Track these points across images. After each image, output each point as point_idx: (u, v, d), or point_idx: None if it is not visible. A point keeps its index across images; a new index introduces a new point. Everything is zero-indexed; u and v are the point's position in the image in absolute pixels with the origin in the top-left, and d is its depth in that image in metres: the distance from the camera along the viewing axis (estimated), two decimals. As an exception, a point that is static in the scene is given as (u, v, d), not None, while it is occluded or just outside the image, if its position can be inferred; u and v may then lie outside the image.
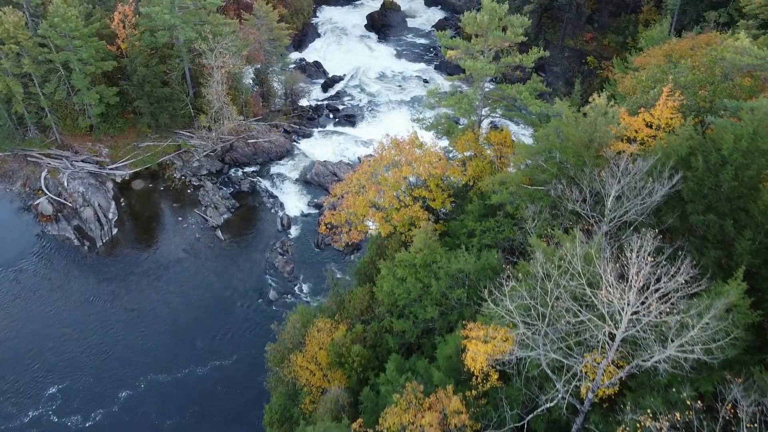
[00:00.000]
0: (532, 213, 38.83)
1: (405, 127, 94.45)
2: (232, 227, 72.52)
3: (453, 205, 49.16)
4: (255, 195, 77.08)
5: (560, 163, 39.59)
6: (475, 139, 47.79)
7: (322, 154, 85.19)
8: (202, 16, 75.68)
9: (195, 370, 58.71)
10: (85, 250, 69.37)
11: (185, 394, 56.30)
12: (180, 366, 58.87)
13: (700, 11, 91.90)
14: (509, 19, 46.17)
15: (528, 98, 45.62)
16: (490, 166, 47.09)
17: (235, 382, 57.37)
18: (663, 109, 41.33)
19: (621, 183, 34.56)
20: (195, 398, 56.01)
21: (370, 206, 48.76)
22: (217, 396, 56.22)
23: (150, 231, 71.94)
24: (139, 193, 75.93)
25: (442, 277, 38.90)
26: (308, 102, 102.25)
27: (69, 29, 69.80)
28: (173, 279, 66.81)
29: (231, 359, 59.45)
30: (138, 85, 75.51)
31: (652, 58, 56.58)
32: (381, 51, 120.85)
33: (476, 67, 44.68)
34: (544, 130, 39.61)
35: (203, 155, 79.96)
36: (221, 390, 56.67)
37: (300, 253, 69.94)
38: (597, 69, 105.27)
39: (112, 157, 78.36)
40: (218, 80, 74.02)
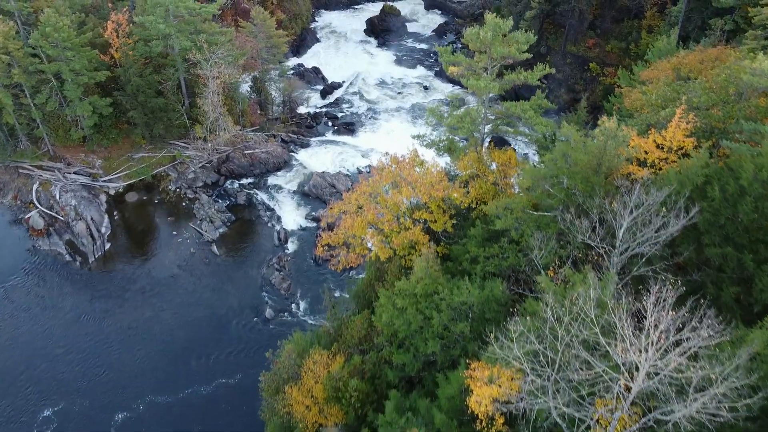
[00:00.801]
0: (539, 242, 36.76)
1: (404, 135, 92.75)
2: (227, 242, 70.46)
3: (455, 226, 47.02)
4: (251, 208, 75.00)
5: (568, 188, 37.55)
6: (478, 159, 45.68)
7: (321, 165, 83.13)
8: (197, 25, 73.57)
9: (190, 392, 56.69)
10: (77, 265, 67.34)
11: (181, 417, 54.35)
12: (175, 388, 56.86)
13: (704, 18, 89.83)
14: (513, 35, 44.11)
15: (533, 117, 43.56)
16: (494, 187, 45.01)
17: (230, 405, 55.39)
18: (675, 131, 39.29)
19: (633, 214, 32.52)
20: (190, 420, 54.06)
21: (368, 227, 46.67)
22: (212, 419, 54.23)
23: (144, 246, 69.86)
24: (132, 206, 73.85)
25: (444, 309, 36.85)
26: (307, 109, 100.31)
27: (61, 39, 67.74)
28: (167, 296, 64.79)
29: (226, 381, 57.44)
30: (132, 95, 73.45)
31: (659, 72, 54.48)
32: (380, 56, 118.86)
33: (479, 86, 42.59)
34: (551, 155, 37.57)
35: (199, 166, 77.88)
36: (216, 413, 54.68)
37: (297, 269, 67.90)
38: (600, 76, 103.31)
39: (105, 169, 76.30)
40: (214, 91, 71.93)
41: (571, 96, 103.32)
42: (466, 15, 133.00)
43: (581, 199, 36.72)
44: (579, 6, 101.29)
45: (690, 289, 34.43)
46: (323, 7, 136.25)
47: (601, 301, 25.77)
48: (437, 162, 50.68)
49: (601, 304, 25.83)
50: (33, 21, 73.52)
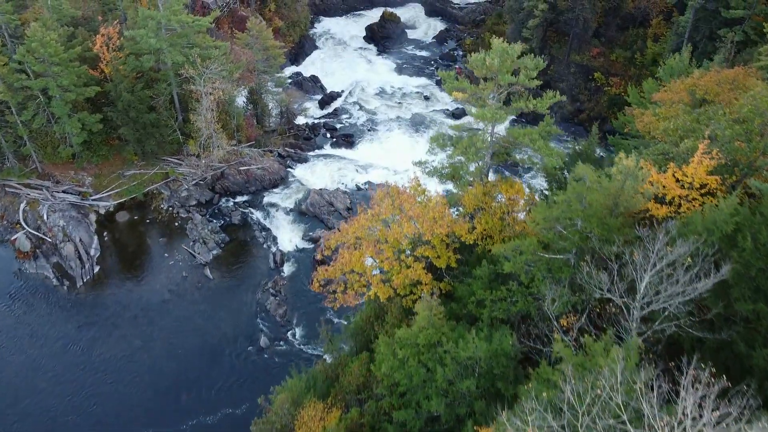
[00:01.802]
0: (552, 293, 33.68)
1: (404, 148, 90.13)
2: (221, 264, 67.32)
3: (459, 261, 43.91)
4: (246, 228, 71.84)
5: (582, 231, 34.44)
6: (484, 193, 42.55)
7: (319, 181, 80.00)
8: (190, 38, 70.32)
9: (180, 429, 53.63)
10: (65, 290, 64.26)
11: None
12: (164, 423, 53.92)
13: (713, 28, 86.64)
14: (522, 61, 40.95)
15: (543, 148, 40.40)
16: (501, 222, 41.90)
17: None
18: (697, 167, 36.17)
19: (657, 267, 29.42)
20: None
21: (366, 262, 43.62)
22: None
23: (134, 269, 66.73)
24: (123, 227, 70.70)
25: (448, 363, 33.80)
26: (305, 120, 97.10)
27: (48, 54, 64.58)
28: (158, 323, 61.75)
29: (217, 416, 54.45)
30: (122, 111, 70.22)
31: (673, 94, 51.35)
32: (380, 64, 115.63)
33: (486, 116, 39.48)
34: (565, 196, 34.43)
35: (192, 184, 74.72)
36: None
37: (293, 294, 64.82)
38: (605, 86, 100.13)
39: (95, 187, 73.12)
40: (207, 107, 68.75)
41: (576, 106, 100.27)
42: (467, 21, 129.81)
43: (597, 245, 33.64)
44: (583, 14, 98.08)
45: (717, 345, 31.49)
46: (322, 13, 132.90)
47: (628, 386, 22.65)
48: (439, 191, 47.70)
49: (627, 389, 22.71)
50: (20, 33, 70.31)
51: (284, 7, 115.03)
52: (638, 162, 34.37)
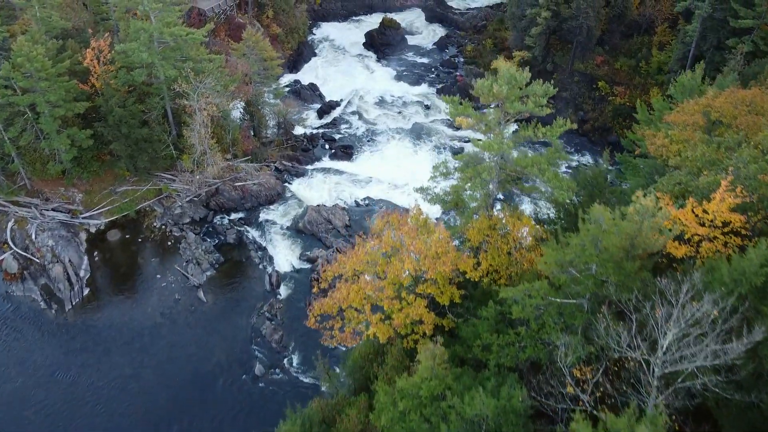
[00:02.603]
0: (565, 344, 31.01)
1: (404, 161, 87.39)
2: (215, 286, 64.61)
3: (463, 297, 41.25)
4: (241, 247, 69.08)
5: (597, 276, 31.77)
6: (490, 227, 39.85)
7: (316, 197, 77.24)
8: (183, 51, 67.53)
9: (170, 463, 51.10)
10: (53, 314, 61.56)
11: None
12: (154, 457, 51.28)
13: (721, 37, 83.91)
14: (531, 88, 38.20)
15: (553, 179, 37.69)
16: (508, 257, 39.22)
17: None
18: (720, 205, 33.50)
19: (681, 325, 26.77)
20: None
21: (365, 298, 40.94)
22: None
23: (125, 291, 64.03)
24: (114, 246, 67.96)
25: (453, 420, 31.12)
26: (303, 130, 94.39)
27: (35, 69, 61.78)
28: (149, 349, 59.04)
29: (210, 451, 51.75)
30: (114, 126, 67.49)
31: (687, 116, 48.62)
32: (380, 72, 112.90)
33: (492, 148, 36.74)
34: (579, 239, 31.74)
35: (186, 201, 71.97)
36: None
37: (290, 318, 62.11)
38: (609, 95, 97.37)
39: (86, 204, 70.39)
40: (201, 123, 66.00)
41: (580, 117, 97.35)
42: (468, 27, 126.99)
43: (614, 292, 30.99)
44: (587, 22, 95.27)
45: (745, 405, 28.84)
46: (321, 19, 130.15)
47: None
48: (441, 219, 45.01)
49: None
50: (8, 46, 67.57)
51: (282, 13, 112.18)
52: (657, 202, 31.66)
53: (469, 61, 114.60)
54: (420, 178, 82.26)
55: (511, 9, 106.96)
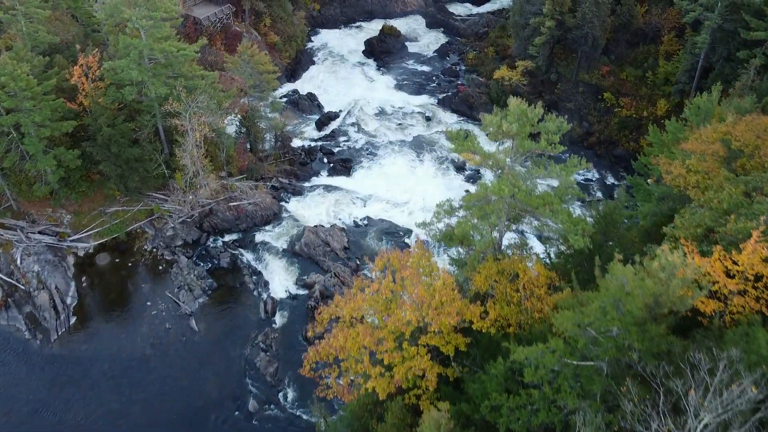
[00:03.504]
0: (582, 414, 27.82)
1: (405, 176, 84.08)
2: (207, 314, 61.43)
3: (470, 345, 38.03)
4: (235, 272, 65.85)
5: (619, 341, 28.57)
6: (498, 272, 36.63)
7: (314, 216, 74.00)
8: (175, 68, 64.18)
9: None
10: (38, 344, 58.47)
11: None
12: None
13: (731, 49, 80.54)
14: (543, 125, 34.96)
15: (566, 222, 34.42)
16: (518, 308, 36.02)
17: None
18: (751, 256, 30.28)
19: (718, 410, 23.58)
20: None
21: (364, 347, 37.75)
22: None
23: (113, 319, 60.89)
24: (103, 271, 64.77)
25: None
26: (301, 142, 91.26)
27: (19, 88, 58.48)
28: (138, 383, 55.91)
29: (201, 496, 48.60)
30: (102, 145, 64.21)
31: (705, 146, 45.29)
32: (380, 81, 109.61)
33: (503, 192, 33.44)
34: (599, 300, 28.52)
35: (179, 222, 68.76)
36: None
37: (285, 349, 58.95)
38: (615, 107, 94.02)
39: (74, 225, 67.21)
40: (193, 143, 62.77)
41: (585, 129, 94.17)
42: (469, 34, 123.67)
43: (638, 359, 27.82)
44: (593, 32, 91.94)
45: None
46: (320, 26, 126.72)
47: None
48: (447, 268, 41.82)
49: None
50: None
51: (280, 21, 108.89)
52: (684, 257, 28.46)
53: (471, 70, 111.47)
54: (420, 195, 79.63)
55: (513, 17, 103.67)
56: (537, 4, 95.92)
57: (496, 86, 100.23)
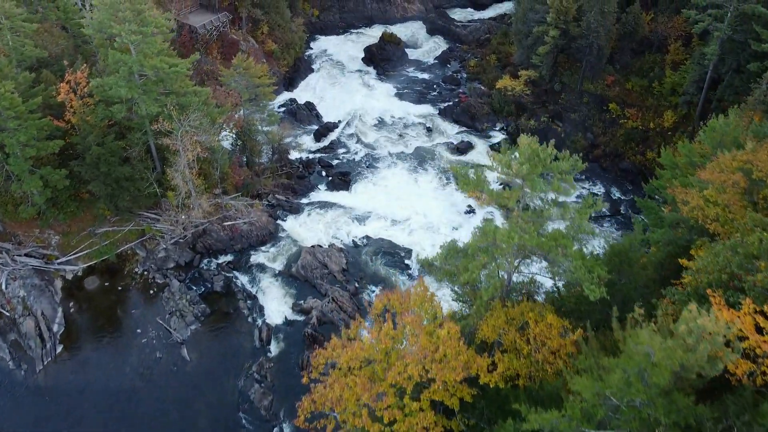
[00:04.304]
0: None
1: (406, 191, 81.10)
2: (200, 342, 58.50)
3: (475, 396, 35.08)
4: (229, 296, 62.85)
5: (643, 413, 25.66)
6: (506, 321, 33.68)
7: (311, 235, 71.00)
8: (166, 84, 61.13)
9: None
10: (22, 375, 55.50)
11: None
12: None
13: (741, 61, 77.51)
14: (556, 165, 31.93)
15: (580, 269, 31.42)
16: (528, 360, 33.08)
17: None
18: (786, 314, 27.36)
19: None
20: None
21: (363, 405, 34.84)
22: None
23: (101, 348, 57.95)
24: (92, 295, 61.83)
25: None
26: (299, 154, 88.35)
27: (3, 107, 55.47)
28: (127, 416, 53.00)
29: None
30: (91, 164, 61.23)
31: (725, 176, 42.29)
32: (380, 89, 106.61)
33: (512, 239, 30.47)
34: (621, 368, 25.60)
35: (171, 242, 65.78)
36: None
37: (281, 379, 56.01)
38: (620, 118, 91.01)
39: (62, 247, 64.23)
40: (185, 164, 59.80)
41: (589, 141, 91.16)
42: (470, 41, 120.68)
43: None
44: (598, 42, 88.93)
45: None
46: (319, 32, 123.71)
47: None
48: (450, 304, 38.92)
49: None
50: (-22, 78, 61.12)
51: (278, 28, 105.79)
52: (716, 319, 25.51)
53: (472, 78, 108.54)
54: (421, 210, 76.63)
55: (516, 25, 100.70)
56: (540, 12, 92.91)
57: (498, 96, 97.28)
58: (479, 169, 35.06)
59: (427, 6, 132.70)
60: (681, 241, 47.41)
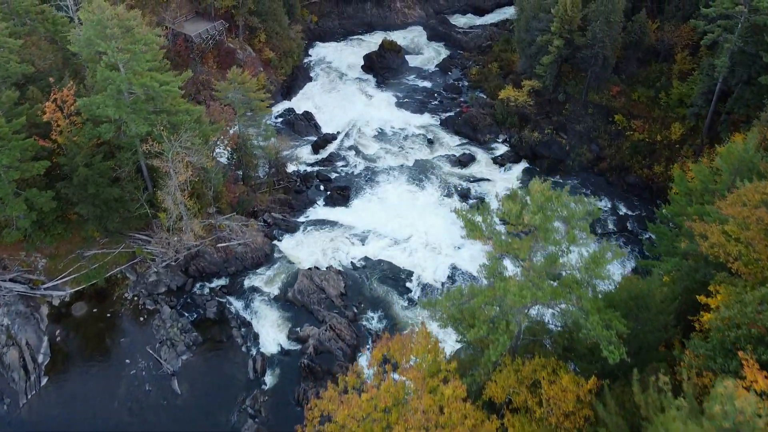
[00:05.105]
0: None
1: (407, 206, 78.00)
2: (191, 373, 55.54)
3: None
4: (223, 324, 59.86)
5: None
6: (517, 380, 30.70)
7: (309, 256, 68.02)
8: (157, 103, 58.02)
9: None
10: (4, 409, 52.60)
11: None
12: None
13: (752, 73, 74.39)
14: (571, 209, 28.88)
15: (599, 329, 28.41)
16: (541, 425, 30.08)
17: None
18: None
19: None
20: None
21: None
22: None
23: (89, 380, 55.00)
24: (79, 323, 58.88)
25: None
26: (296, 167, 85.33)
27: (-16, 129, 52.47)
28: (113, 455, 50.06)
29: None
30: (79, 186, 58.22)
31: (747, 210, 39.22)
32: (379, 98, 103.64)
33: (525, 299, 27.45)
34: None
35: (162, 266, 62.81)
36: None
37: (276, 414, 53.10)
38: (626, 129, 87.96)
39: (50, 271, 61.26)
40: (177, 186, 56.78)
41: (595, 153, 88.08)
42: (472, 47, 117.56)
43: None
44: (604, 52, 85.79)
45: None
46: (318, 39, 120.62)
47: None
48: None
49: None
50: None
51: (276, 36, 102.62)
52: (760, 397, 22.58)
53: (474, 86, 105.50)
54: (422, 229, 73.48)
55: (519, 34, 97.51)
56: (544, 20, 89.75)
57: (501, 106, 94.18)
58: (486, 212, 31.92)
59: (428, 12, 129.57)
60: (698, 275, 44.51)
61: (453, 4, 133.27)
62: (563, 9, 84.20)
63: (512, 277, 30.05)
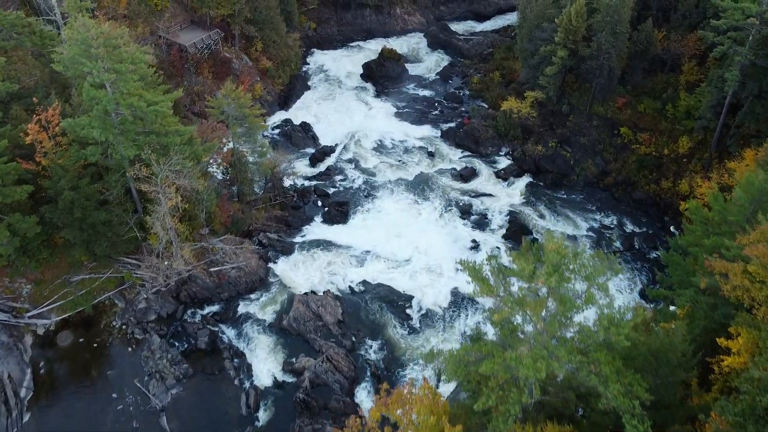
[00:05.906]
0: None
1: (407, 223, 74.95)
2: (181, 409, 52.56)
3: None
4: (215, 354, 56.85)
5: None
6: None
7: (305, 280, 64.98)
8: (146, 123, 54.87)
9: None
10: (-16, 449, 49.58)
11: None
12: None
13: (763, 86, 71.32)
14: (587, 267, 25.80)
15: (620, 399, 25.39)
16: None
17: None
18: None
19: None
20: None
21: None
22: None
23: (73, 415, 52.01)
24: (64, 353, 55.91)
25: None
26: (293, 180, 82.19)
27: (-38, 153, 49.41)
28: (98, 499, 47.08)
29: None
30: (64, 210, 55.18)
31: (773, 250, 36.21)
32: (379, 108, 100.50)
33: (539, 372, 24.40)
34: None
35: (152, 292, 59.77)
36: None
37: (270, 454, 50.13)
38: (632, 143, 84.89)
39: (35, 298, 58.28)
40: (166, 211, 53.72)
41: (600, 167, 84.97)
42: (473, 55, 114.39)
43: None
44: (609, 63, 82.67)
45: None
46: (316, 46, 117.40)
47: None
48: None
49: None
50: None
51: (273, 45, 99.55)
52: None
53: (475, 95, 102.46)
54: (423, 248, 70.42)
55: (521, 43, 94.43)
56: (548, 30, 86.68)
57: (503, 118, 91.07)
58: (495, 265, 28.81)
59: (428, 18, 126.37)
60: (717, 314, 41.59)
61: (453, 11, 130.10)
62: (568, 19, 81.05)
63: (524, 340, 26.98)
